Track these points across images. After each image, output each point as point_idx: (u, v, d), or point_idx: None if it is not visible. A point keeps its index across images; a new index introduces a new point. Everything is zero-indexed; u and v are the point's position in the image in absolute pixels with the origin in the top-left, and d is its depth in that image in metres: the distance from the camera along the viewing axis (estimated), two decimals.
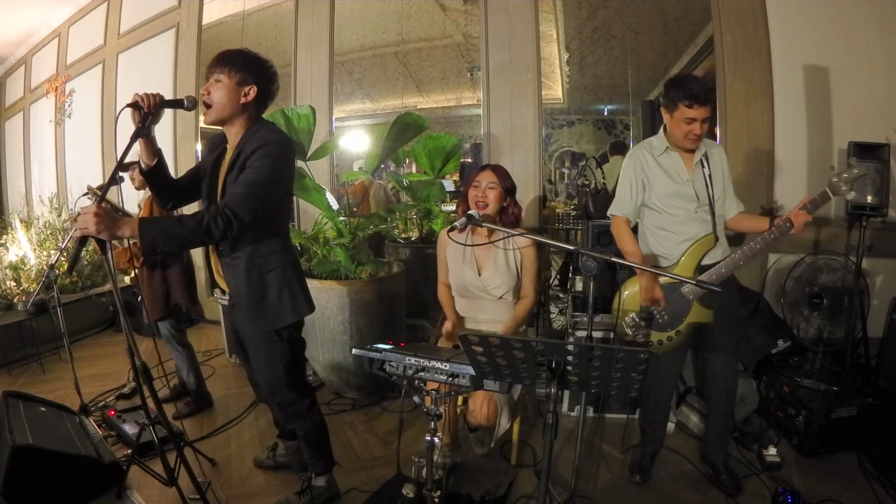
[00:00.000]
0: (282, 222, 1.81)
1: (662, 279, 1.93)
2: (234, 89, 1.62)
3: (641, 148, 2.03)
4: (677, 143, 1.92)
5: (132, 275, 2.70)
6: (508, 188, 2.16)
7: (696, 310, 1.93)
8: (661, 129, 1.99)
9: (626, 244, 2.02)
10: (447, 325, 2.17)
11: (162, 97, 1.54)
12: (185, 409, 2.77)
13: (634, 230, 2.09)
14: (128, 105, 1.51)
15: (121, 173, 1.74)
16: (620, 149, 4.00)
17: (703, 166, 1.95)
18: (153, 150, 1.62)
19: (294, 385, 1.86)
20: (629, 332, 2.01)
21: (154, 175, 1.67)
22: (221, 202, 1.55)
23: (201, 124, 4.41)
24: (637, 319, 1.99)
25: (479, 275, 2.18)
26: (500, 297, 2.17)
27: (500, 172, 2.17)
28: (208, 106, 1.63)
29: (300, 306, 1.80)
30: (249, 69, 1.64)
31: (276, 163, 1.60)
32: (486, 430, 2.35)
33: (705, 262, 1.94)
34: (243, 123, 1.68)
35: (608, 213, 2.13)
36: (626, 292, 2.04)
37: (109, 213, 1.40)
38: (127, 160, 1.62)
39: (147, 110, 1.51)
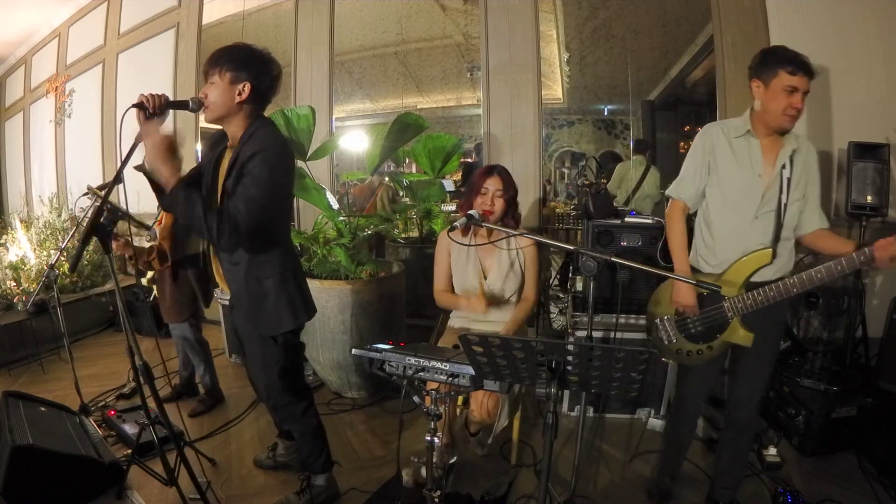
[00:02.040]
0: (281, 228, 1.79)
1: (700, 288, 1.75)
2: (227, 89, 1.61)
3: (717, 126, 1.75)
4: (773, 121, 1.62)
5: (150, 276, 2.72)
6: (513, 196, 2.15)
7: (734, 329, 1.71)
8: (748, 110, 1.73)
9: (672, 238, 1.80)
10: (480, 298, 2.06)
11: (167, 98, 1.54)
12: (200, 408, 2.80)
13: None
14: (133, 105, 1.51)
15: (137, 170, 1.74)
16: (644, 148, 3.95)
17: (784, 166, 1.64)
18: None
19: (289, 388, 1.86)
20: (660, 334, 1.84)
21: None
22: (226, 212, 1.56)
23: (201, 124, 4.41)
24: (667, 324, 1.83)
25: (486, 277, 2.17)
26: (507, 299, 2.17)
27: (507, 179, 2.14)
28: (207, 107, 1.63)
29: (299, 313, 1.78)
30: (240, 66, 1.61)
31: (273, 170, 1.59)
32: (486, 432, 2.35)
33: (756, 278, 1.67)
34: (241, 122, 1.66)
35: (665, 193, 1.88)
36: (664, 297, 1.86)
37: (171, 149, 1.50)
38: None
39: (152, 111, 1.51)
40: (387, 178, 4.40)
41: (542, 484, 1.25)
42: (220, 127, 1.73)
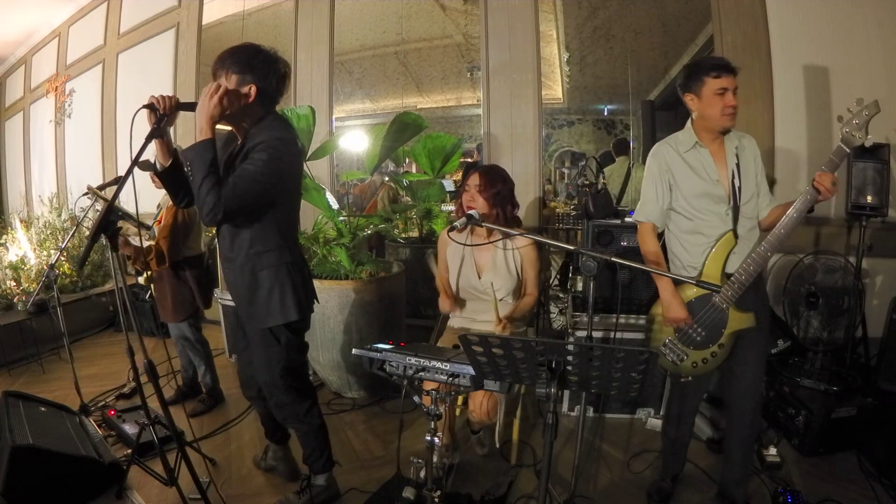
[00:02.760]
0: (283, 223, 1.77)
1: (689, 293, 1.79)
2: (234, 91, 1.61)
3: (666, 144, 1.84)
4: (715, 125, 1.72)
5: (147, 276, 2.72)
6: (497, 192, 2.11)
7: (734, 317, 1.74)
8: (689, 122, 1.81)
9: (647, 254, 1.87)
10: (443, 301, 2.18)
11: (178, 100, 1.55)
12: (200, 407, 2.80)
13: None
14: (144, 106, 1.52)
15: (142, 171, 1.76)
16: (625, 148, 3.96)
17: (735, 158, 1.75)
18: (169, 151, 1.64)
19: (291, 388, 1.86)
20: (669, 356, 1.83)
21: (169, 175, 1.68)
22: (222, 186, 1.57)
23: None
24: (674, 343, 1.82)
25: (479, 277, 2.18)
26: (501, 299, 2.17)
27: (489, 177, 2.12)
28: None
29: (288, 309, 1.75)
30: (245, 68, 1.62)
31: (273, 157, 1.59)
32: (487, 431, 2.36)
33: (729, 268, 1.73)
34: (250, 122, 1.68)
35: (633, 220, 1.95)
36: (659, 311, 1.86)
37: (228, 104, 1.55)
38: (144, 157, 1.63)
39: (163, 112, 1.52)
40: (386, 178, 4.40)
41: (542, 484, 1.25)
42: (228, 128, 1.74)
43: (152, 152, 1.67)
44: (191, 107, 1.58)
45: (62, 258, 3.81)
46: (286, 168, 1.69)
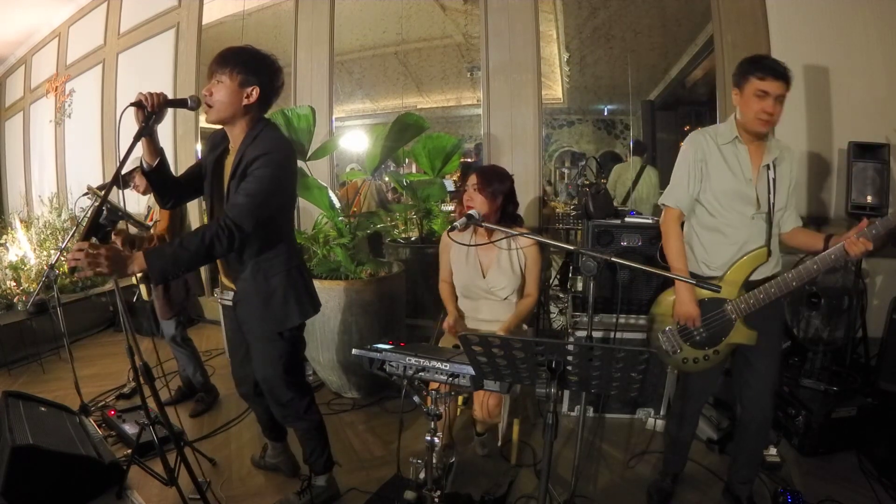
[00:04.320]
0: (286, 226, 1.82)
1: (702, 293, 1.75)
2: (235, 91, 1.61)
3: (705, 132, 1.78)
4: (748, 126, 1.68)
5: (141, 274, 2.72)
6: (494, 190, 2.11)
7: (738, 330, 1.73)
8: (732, 116, 1.76)
9: (671, 245, 1.80)
10: (449, 320, 2.17)
11: (165, 96, 1.54)
12: (199, 407, 2.80)
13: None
14: (131, 104, 1.50)
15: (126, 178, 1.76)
16: (642, 150, 3.92)
17: (769, 168, 1.70)
18: (155, 150, 1.62)
19: (292, 384, 1.87)
20: (664, 345, 1.84)
21: (156, 174, 1.67)
22: (222, 215, 1.55)
23: (201, 124, 4.41)
24: (673, 333, 1.83)
25: (484, 277, 2.18)
26: (505, 298, 2.17)
27: (487, 175, 2.13)
28: (210, 106, 1.62)
29: (305, 308, 1.82)
30: (251, 70, 1.62)
31: (277, 171, 1.60)
32: (490, 433, 2.36)
33: (754, 277, 1.72)
34: (245, 124, 1.67)
35: (659, 203, 1.90)
36: (666, 301, 1.86)
37: (118, 254, 1.38)
38: (128, 164, 1.63)
39: (151, 109, 1.51)
40: (384, 175, 4.39)
41: (542, 484, 1.25)
42: (218, 126, 1.74)
43: (134, 159, 1.66)
44: (179, 103, 1.58)
45: (62, 258, 3.81)
46: (289, 177, 1.74)
